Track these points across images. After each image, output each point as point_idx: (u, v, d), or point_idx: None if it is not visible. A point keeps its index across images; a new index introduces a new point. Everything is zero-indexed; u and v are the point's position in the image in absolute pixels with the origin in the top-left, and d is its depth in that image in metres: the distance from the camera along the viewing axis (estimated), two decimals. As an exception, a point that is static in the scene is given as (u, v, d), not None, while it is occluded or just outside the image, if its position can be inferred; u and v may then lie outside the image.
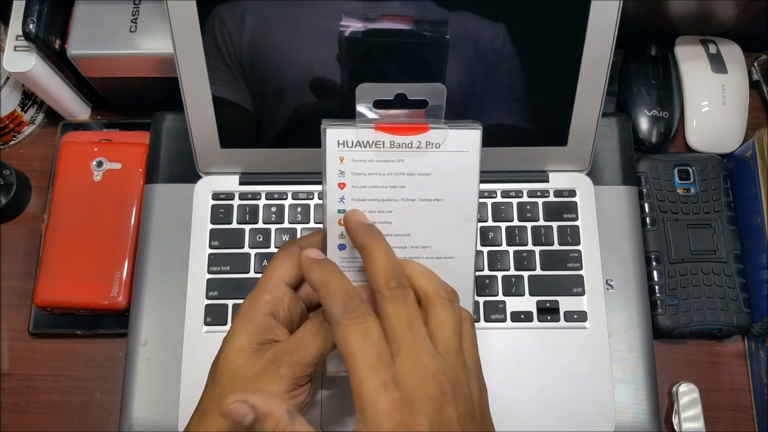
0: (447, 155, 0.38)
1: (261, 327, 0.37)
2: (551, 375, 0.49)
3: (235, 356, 0.36)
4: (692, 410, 0.51)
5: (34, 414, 0.53)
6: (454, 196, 0.38)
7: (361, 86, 0.37)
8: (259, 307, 0.38)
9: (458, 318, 0.35)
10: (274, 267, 0.39)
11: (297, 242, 0.41)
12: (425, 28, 0.45)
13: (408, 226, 0.38)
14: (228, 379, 0.36)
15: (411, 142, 0.37)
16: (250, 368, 0.36)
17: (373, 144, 0.37)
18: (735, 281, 0.54)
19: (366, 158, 0.37)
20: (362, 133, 0.37)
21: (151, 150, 0.55)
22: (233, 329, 0.38)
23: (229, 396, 0.32)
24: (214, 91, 0.48)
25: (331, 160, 0.37)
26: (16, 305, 0.56)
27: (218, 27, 0.45)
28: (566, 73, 0.48)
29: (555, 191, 0.53)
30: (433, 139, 0.37)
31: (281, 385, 0.35)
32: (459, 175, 0.38)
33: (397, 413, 0.31)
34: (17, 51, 0.53)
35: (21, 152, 0.61)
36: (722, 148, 0.59)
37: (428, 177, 0.38)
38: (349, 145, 0.37)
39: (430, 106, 0.38)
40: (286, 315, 0.39)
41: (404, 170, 0.38)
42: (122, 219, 0.54)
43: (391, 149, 0.37)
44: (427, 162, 0.38)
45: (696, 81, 0.60)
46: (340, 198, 0.38)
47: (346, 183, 0.38)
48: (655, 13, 0.59)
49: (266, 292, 0.38)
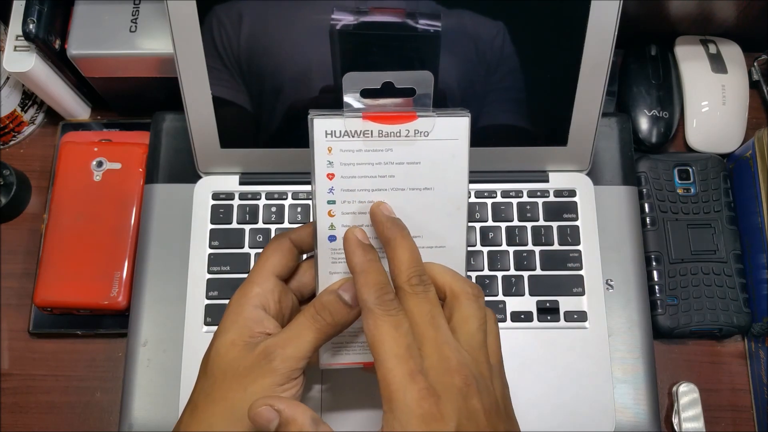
0: (436, 143, 0.37)
1: (251, 320, 0.37)
2: (551, 375, 0.49)
3: (227, 350, 0.36)
4: (692, 410, 0.51)
5: (34, 414, 0.53)
6: (443, 184, 0.38)
7: (348, 75, 0.37)
8: (249, 300, 0.38)
9: (483, 314, 0.35)
10: (264, 259, 0.39)
11: (287, 234, 0.41)
12: (416, 21, 0.45)
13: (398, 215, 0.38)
14: (220, 372, 0.36)
15: (399, 131, 0.37)
16: (242, 362, 0.36)
17: (361, 133, 0.37)
18: (735, 281, 0.54)
19: (354, 148, 0.37)
20: (350, 122, 0.37)
21: (151, 150, 0.55)
22: (223, 323, 0.38)
23: (256, 400, 0.33)
24: (214, 91, 0.48)
25: (319, 150, 0.37)
26: (16, 305, 0.56)
27: (218, 27, 0.45)
28: (566, 73, 0.48)
29: (555, 191, 0.53)
30: (422, 128, 0.37)
31: (273, 379, 0.35)
32: (448, 163, 0.38)
33: (425, 402, 0.31)
34: (17, 51, 0.53)
35: (21, 152, 0.61)
36: (722, 148, 0.59)
37: (417, 166, 0.38)
38: (336, 135, 0.37)
39: (418, 95, 0.38)
40: (277, 308, 0.39)
41: (393, 159, 0.37)
42: (122, 219, 0.54)
43: (380, 138, 0.37)
44: (416, 150, 0.37)
45: (696, 81, 0.60)
46: (330, 189, 0.38)
47: (335, 173, 0.37)
48: (655, 13, 0.59)
49: (256, 284, 0.38)
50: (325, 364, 0.40)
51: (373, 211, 0.37)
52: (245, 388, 0.35)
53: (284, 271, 0.40)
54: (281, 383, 0.35)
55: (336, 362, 0.40)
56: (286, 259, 0.39)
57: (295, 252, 0.40)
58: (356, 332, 0.40)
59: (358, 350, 0.40)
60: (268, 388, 0.35)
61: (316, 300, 0.37)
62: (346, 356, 0.40)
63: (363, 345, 0.40)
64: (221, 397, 0.36)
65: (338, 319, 0.36)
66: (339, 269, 0.38)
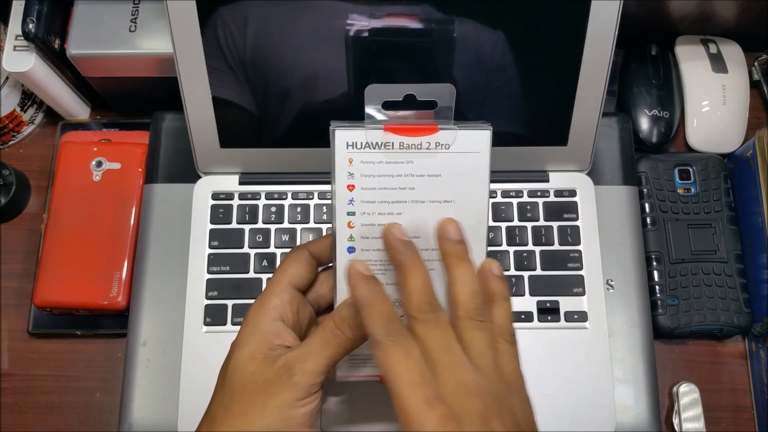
0: (457, 156, 0.37)
1: (270, 332, 0.37)
2: (551, 375, 0.49)
3: (246, 363, 0.36)
4: (693, 410, 0.51)
5: (34, 414, 0.53)
6: (464, 197, 0.38)
7: (370, 87, 0.37)
8: (267, 312, 0.38)
9: (489, 334, 0.34)
10: (282, 271, 0.39)
11: (306, 246, 0.40)
12: (431, 26, 0.45)
13: (418, 228, 0.38)
14: (239, 386, 0.36)
15: (420, 143, 0.37)
16: (262, 375, 0.36)
17: (383, 145, 0.37)
18: (735, 281, 0.54)
19: (375, 160, 0.37)
20: (371, 134, 0.37)
21: (151, 150, 0.55)
22: (242, 335, 0.38)
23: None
24: (214, 91, 0.48)
25: (340, 161, 0.37)
26: (15, 305, 0.56)
27: (218, 27, 0.45)
28: (566, 73, 0.48)
29: (555, 191, 0.53)
30: (443, 140, 0.37)
31: (294, 393, 0.35)
32: (469, 176, 0.38)
33: (446, 428, 0.30)
34: (17, 51, 0.53)
35: (20, 152, 0.61)
36: (723, 148, 0.59)
37: (438, 178, 0.37)
38: (358, 146, 0.37)
39: (440, 107, 0.38)
40: (295, 319, 0.38)
41: (414, 171, 0.37)
42: (122, 219, 0.54)
43: (401, 150, 0.37)
44: (437, 163, 0.37)
45: (696, 81, 0.60)
46: (350, 200, 0.37)
47: (355, 185, 0.37)
48: (656, 12, 0.59)
49: (274, 296, 0.38)
50: (342, 377, 0.40)
51: (385, 234, 0.36)
52: (265, 402, 0.35)
53: (302, 283, 0.39)
54: (301, 397, 0.35)
55: (353, 375, 0.40)
56: (304, 271, 0.39)
57: (314, 263, 0.40)
58: None
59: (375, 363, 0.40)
60: (289, 403, 0.35)
61: (335, 313, 0.37)
62: (363, 369, 0.40)
63: None
64: (241, 411, 0.35)
65: (357, 333, 0.36)
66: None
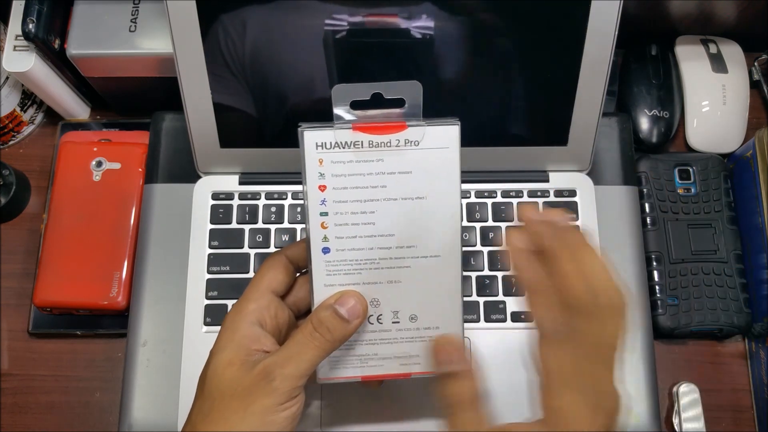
0: (426, 152, 0.37)
1: (247, 338, 0.37)
2: (551, 375, 0.49)
3: (224, 369, 0.36)
4: (693, 410, 0.51)
5: (34, 414, 0.53)
6: (436, 193, 0.38)
7: (337, 87, 0.37)
8: (245, 317, 0.37)
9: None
10: (259, 276, 0.39)
11: (282, 251, 0.40)
12: (432, 26, 0.45)
13: (391, 226, 0.38)
14: (218, 393, 0.36)
15: (389, 141, 0.37)
16: (241, 382, 0.35)
17: (352, 144, 0.37)
18: (735, 281, 0.54)
19: (345, 159, 0.37)
20: (340, 134, 0.37)
21: (151, 150, 0.55)
22: (219, 341, 0.37)
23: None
24: (214, 91, 0.48)
25: (311, 162, 0.37)
26: (15, 305, 0.56)
27: (218, 28, 0.45)
28: (566, 73, 0.48)
29: (555, 191, 0.53)
30: (412, 137, 0.37)
31: (274, 398, 0.35)
32: (440, 171, 0.38)
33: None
34: (17, 51, 0.53)
35: (20, 152, 0.61)
36: (723, 148, 0.59)
37: (409, 175, 0.37)
38: (327, 146, 0.37)
39: (408, 105, 0.38)
40: (274, 324, 0.38)
41: (384, 169, 0.37)
42: (122, 219, 0.54)
43: (370, 149, 0.37)
44: (407, 160, 0.37)
45: (696, 81, 0.60)
46: (322, 200, 0.37)
47: (326, 185, 0.37)
48: (656, 12, 0.59)
49: (252, 301, 0.38)
50: (323, 379, 0.40)
51: (526, 220, 0.35)
52: (245, 408, 0.35)
53: (280, 287, 0.39)
54: (282, 402, 0.35)
55: (334, 376, 0.40)
56: (281, 275, 0.39)
57: (291, 268, 0.40)
58: (353, 345, 0.39)
59: (356, 363, 0.40)
60: (269, 408, 0.35)
61: (312, 316, 0.37)
62: (344, 370, 0.40)
63: (360, 358, 0.40)
64: (221, 417, 0.35)
65: (336, 335, 0.36)
66: (334, 281, 0.38)
